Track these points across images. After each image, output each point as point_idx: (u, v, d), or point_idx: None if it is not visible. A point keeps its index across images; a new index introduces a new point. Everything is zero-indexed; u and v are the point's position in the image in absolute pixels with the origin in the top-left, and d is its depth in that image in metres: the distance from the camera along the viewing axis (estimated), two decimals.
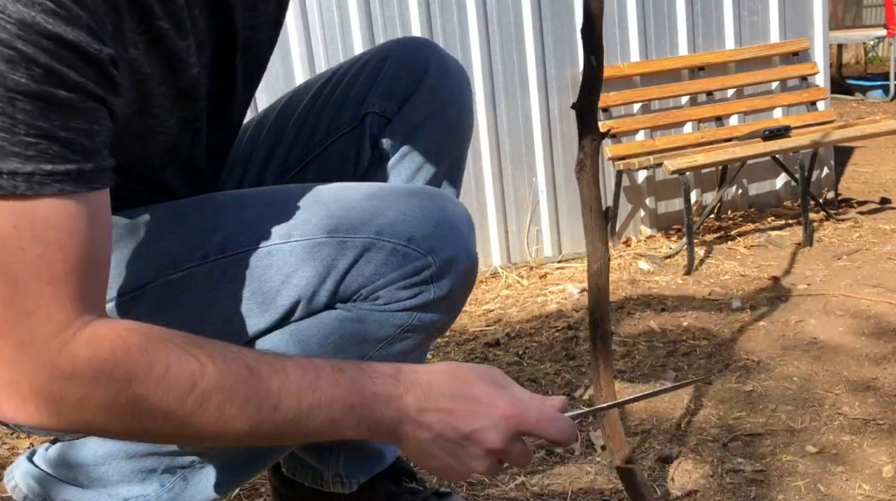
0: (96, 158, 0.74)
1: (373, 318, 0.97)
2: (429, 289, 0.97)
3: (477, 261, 1.02)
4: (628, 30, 3.26)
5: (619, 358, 2.15)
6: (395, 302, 0.97)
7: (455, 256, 0.97)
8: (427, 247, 0.96)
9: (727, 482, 1.52)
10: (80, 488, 1.05)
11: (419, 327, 0.99)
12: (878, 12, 8.23)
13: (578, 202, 3.58)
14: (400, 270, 0.95)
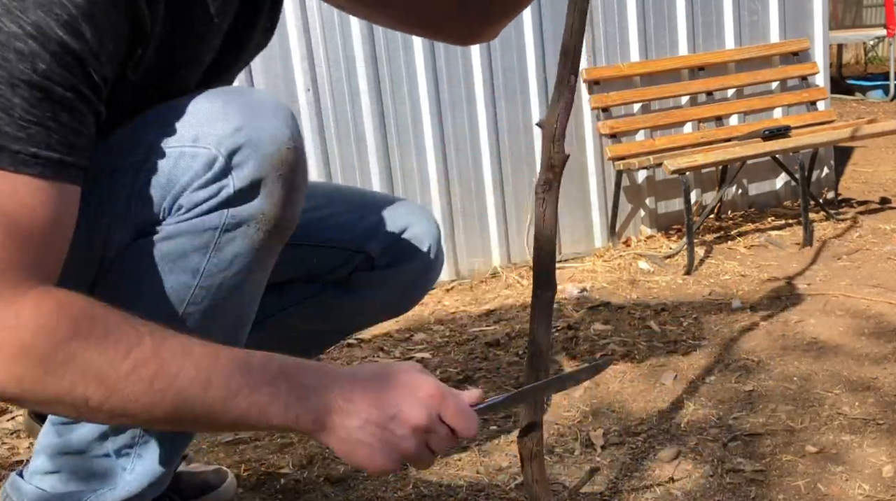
0: (77, 155, 0.81)
1: (182, 230, 0.96)
2: (228, 183, 0.95)
3: (290, 143, 0.97)
4: (628, 30, 3.26)
5: (619, 359, 2.15)
6: (196, 205, 0.95)
7: (248, 141, 0.94)
8: (214, 141, 0.94)
9: (727, 482, 1.52)
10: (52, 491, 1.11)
11: (239, 222, 0.97)
12: (878, 12, 8.23)
13: (578, 202, 3.58)
14: (191, 172, 0.94)
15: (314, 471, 1.64)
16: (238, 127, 0.94)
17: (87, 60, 0.80)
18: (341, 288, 1.37)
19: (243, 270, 1.00)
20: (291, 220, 1.02)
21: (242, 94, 0.99)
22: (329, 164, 2.88)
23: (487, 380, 2.07)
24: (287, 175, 0.97)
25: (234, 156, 0.94)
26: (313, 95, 2.82)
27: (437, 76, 2.96)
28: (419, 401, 0.86)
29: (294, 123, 1.00)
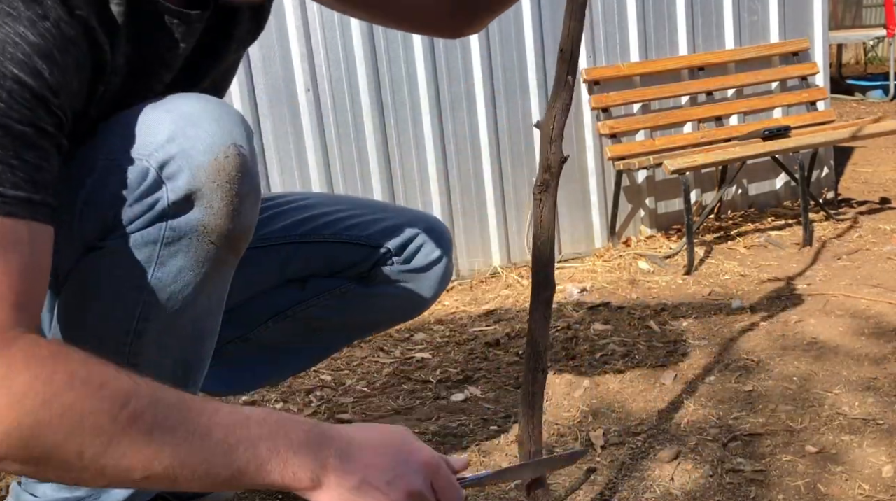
0: (43, 192, 0.78)
1: (122, 245, 0.94)
2: (161, 195, 0.92)
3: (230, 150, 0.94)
4: (628, 30, 3.26)
5: (619, 359, 2.15)
6: (134, 219, 0.93)
7: (180, 151, 0.91)
8: (147, 152, 0.92)
9: (727, 482, 1.52)
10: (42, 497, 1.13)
11: (179, 236, 0.94)
12: (878, 12, 8.23)
13: (578, 202, 3.58)
14: (125, 185, 0.92)
15: None
16: (170, 136, 0.92)
17: (45, 97, 0.78)
18: (362, 284, 1.41)
19: (193, 284, 0.98)
20: (241, 230, 0.98)
21: (183, 101, 0.96)
22: (329, 164, 2.88)
23: (487, 380, 2.07)
24: (226, 183, 0.94)
25: (166, 168, 0.92)
26: (313, 95, 2.82)
27: (437, 76, 2.96)
28: (417, 468, 0.86)
29: (240, 129, 0.96)
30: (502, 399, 1.95)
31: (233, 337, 1.42)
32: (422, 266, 1.40)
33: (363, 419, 1.88)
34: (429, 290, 1.43)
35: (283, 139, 2.82)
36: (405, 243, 1.39)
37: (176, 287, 0.97)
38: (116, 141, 0.94)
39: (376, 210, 1.43)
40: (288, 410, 1.95)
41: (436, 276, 1.42)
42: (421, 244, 1.40)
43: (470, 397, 1.97)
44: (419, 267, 1.40)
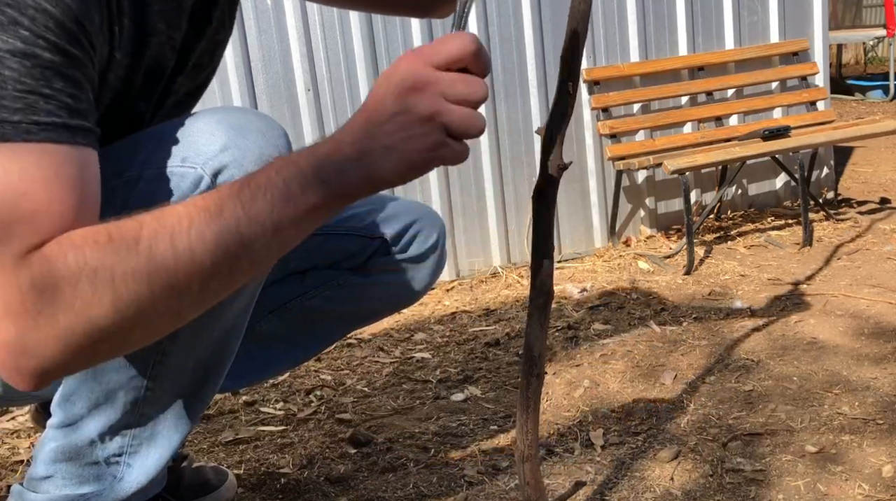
0: (79, 118, 0.81)
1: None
2: None
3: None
4: (628, 30, 3.26)
5: (619, 358, 2.15)
6: None
7: (233, 161, 0.95)
8: (201, 160, 0.95)
9: (727, 482, 1.52)
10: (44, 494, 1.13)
11: None
12: (878, 12, 8.23)
13: (578, 202, 3.58)
14: (179, 191, 0.95)
15: (314, 471, 1.64)
16: (224, 146, 0.95)
17: (69, 25, 0.79)
18: (360, 274, 1.42)
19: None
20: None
21: (233, 114, 1.00)
22: None
23: (487, 380, 2.07)
24: None
25: (220, 175, 0.95)
26: (313, 95, 2.82)
27: None
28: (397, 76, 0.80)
29: (284, 142, 1.00)
30: (502, 399, 1.95)
31: None
32: (418, 254, 1.42)
33: (363, 419, 1.88)
34: (425, 278, 1.45)
35: None
36: (401, 232, 1.41)
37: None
38: (164, 150, 0.96)
39: (371, 201, 1.43)
40: (288, 410, 1.95)
41: (432, 264, 1.44)
42: (416, 232, 1.42)
43: (470, 397, 1.97)
44: (415, 255, 1.42)
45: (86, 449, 1.11)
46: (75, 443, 1.10)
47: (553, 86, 3.15)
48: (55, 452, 1.11)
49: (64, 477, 1.11)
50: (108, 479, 1.12)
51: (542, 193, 1.02)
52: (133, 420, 1.09)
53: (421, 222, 1.42)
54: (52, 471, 1.12)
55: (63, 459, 1.11)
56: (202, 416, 1.92)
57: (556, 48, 3.14)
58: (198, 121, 0.99)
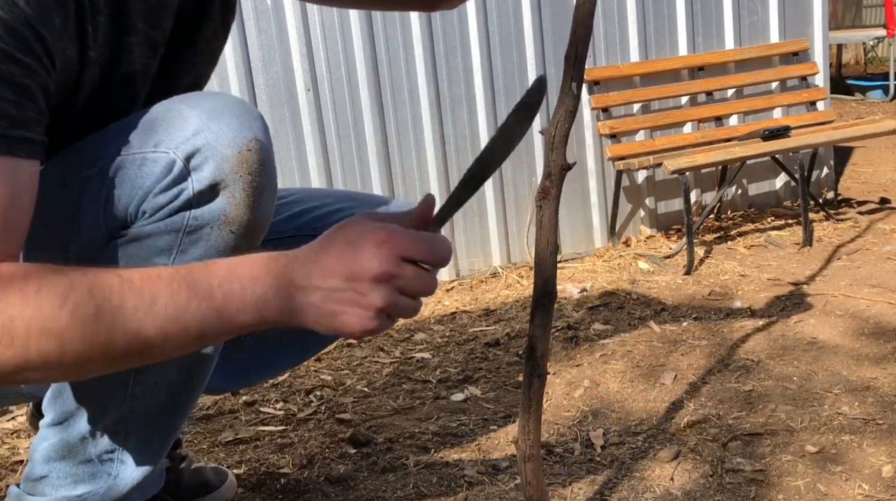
0: (22, 128, 0.80)
1: (145, 233, 0.97)
2: (187, 185, 0.95)
3: (252, 144, 0.97)
4: (628, 30, 3.26)
5: (619, 358, 2.15)
6: (158, 209, 0.96)
7: (206, 144, 0.95)
8: (173, 145, 0.95)
9: (727, 482, 1.52)
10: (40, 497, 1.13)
11: (201, 224, 0.97)
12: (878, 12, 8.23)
13: (578, 202, 3.58)
14: (153, 177, 0.95)
15: (314, 471, 1.64)
16: (196, 130, 0.95)
17: (21, 31, 0.78)
18: None
19: None
20: (260, 222, 1.01)
21: (206, 98, 0.99)
22: (329, 164, 2.88)
23: (487, 380, 2.07)
24: (248, 175, 0.97)
25: (192, 159, 0.95)
26: (313, 95, 2.82)
27: (437, 76, 2.96)
28: (370, 253, 0.83)
29: (259, 124, 0.99)
30: (502, 399, 1.95)
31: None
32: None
33: (363, 419, 1.88)
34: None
35: (283, 139, 2.82)
36: None
37: None
38: (138, 137, 0.96)
39: (366, 202, 1.42)
40: (288, 410, 1.95)
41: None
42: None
43: (470, 397, 1.97)
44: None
45: (78, 447, 1.10)
46: (67, 441, 1.10)
47: (553, 85, 3.15)
48: (48, 451, 1.11)
49: (59, 477, 1.11)
50: (103, 477, 1.11)
51: (546, 193, 1.02)
52: (123, 416, 1.09)
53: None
54: (46, 471, 1.12)
55: (57, 458, 1.11)
56: (202, 416, 1.92)
57: (556, 48, 3.14)
58: (171, 107, 0.98)
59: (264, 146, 0.98)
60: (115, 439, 1.10)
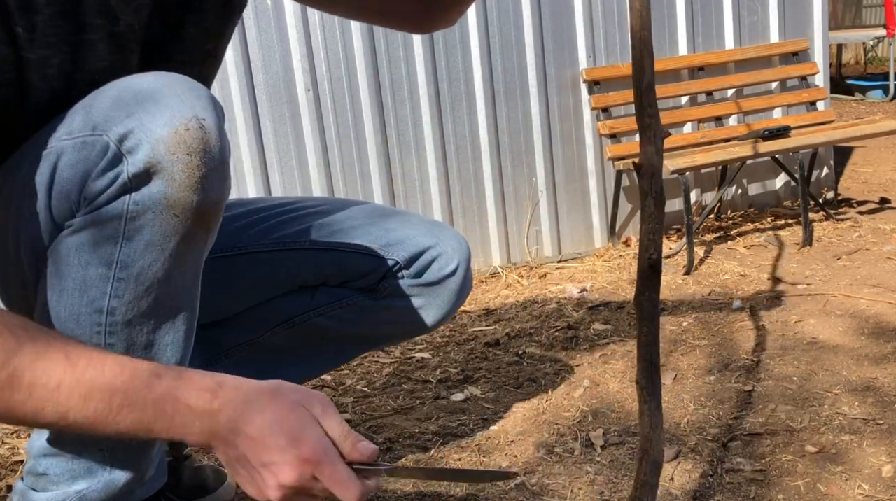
0: None
1: (89, 221, 0.95)
2: (122, 169, 0.93)
3: (191, 123, 0.93)
4: (627, 30, 3.25)
5: (619, 358, 2.15)
6: (98, 194, 0.94)
7: (139, 125, 0.92)
8: (107, 127, 0.93)
9: (727, 482, 1.52)
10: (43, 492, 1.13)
11: (143, 209, 0.95)
12: (878, 12, 8.23)
13: (578, 202, 3.59)
14: (89, 161, 0.93)
15: None
16: (130, 111, 0.93)
17: None
18: (371, 296, 1.39)
19: (161, 259, 0.98)
20: (207, 203, 0.97)
21: (146, 79, 0.97)
22: (329, 164, 2.88)
23: (487, 380, 2.07)
24: (186, 156, 0.93)
25: (126, 141, 0.92)
26: (313, 95, 2.82)
27: (437, 76, 2.96)
28: (292, 462, 0.84)
29: (204, 104, 0.96)
30: (502, 399, 1.95)
31: (243, 340, 1.42)
32: (434, 280, 1.37)
33: (363, 419, 1.88)
34: (442, 306, 1.39)
35: (283, 139, 2.82)
36: (416, 256, 1.36)
37: (144, 262, 0.97)
38: (78, 120, 0.95)
39: (392, 219, 1.40)
40: None
41: (450, 291, 1.38)
42: (434, 257, 1.36)
43: (470, 397, 1.97)
44: (431, 281, 1.36)
45: (67, 443, 1.10)
46: (55, 437, 1.10)
47: (553, 86, 3.15)
48: (42, 448, 1.11)
49: (57, 473, 1.11)
50: (98, 473, 1.11)
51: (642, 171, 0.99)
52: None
53: (441, 246, 1.37)
54: (44, 468, 1.11)
55: (51, 454, 1.10)
56: None
57: (556, 48, 3.14)
58: (111, 89, 0.96)
59: (207, 125, 0.95)
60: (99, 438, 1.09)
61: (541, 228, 3.21)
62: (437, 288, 1.37)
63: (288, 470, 0.84)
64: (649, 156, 0.96)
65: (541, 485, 1.54)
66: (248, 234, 1.36)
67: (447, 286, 1.38)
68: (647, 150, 0.97)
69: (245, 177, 2.80)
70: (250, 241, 1.36)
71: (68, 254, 0.97)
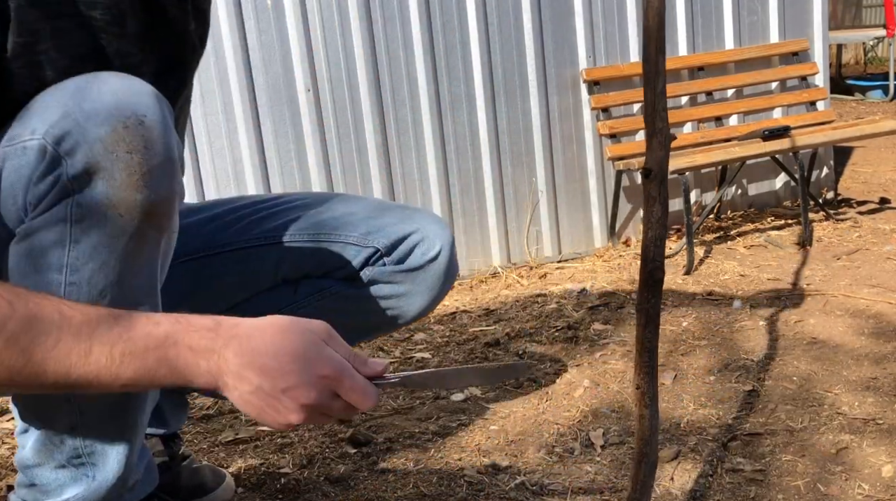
0: None
1: (35, 226, 0.94)
2: (61, 171, 0.91)
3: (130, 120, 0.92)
4: (627, 30, 3.26)
5: (619, 358, 2.15)
6: (41, 198, 0.93)
7: (75, 125, 0.90)
8: (43, 129, 0.91)
9: (727, 482, 1.52)
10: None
11: (87, 211, 0.93)
12: (878, 12, 8.23)
13: (578, 202, 3.59)
14: (29, 166, 0.92)
15: (314, 471, 1.64)
16: (65, 112, 0.91)
17: None
18: (353, 284, 1.38)
19: (112, 261, 0.96)
20: (154, 201, 0.95)
21: (81, 79, 0.95)
22: (329, 164, 2.88)
23: None
24: (126, 154, 0.91)
25: (62, 143, 0.91)
26: (313, 95, 2.82)
27: (437, 76, 2.96)
28: (312, 381, 0.84)
29: (145, 100, 0.94)
30: (502, 399, 1.95)
31: None
32: (417, 265, 1.35)
33: (363, 419, 1.88)
34: (428, 291, 1.38)
35: (283, 139, 2.82)
36: (396, 242, 1.35)
37: (95, 265, 0.96)
38: (18, 124, 0.94)
39: (370, 209, 1.39)
40: None
41: (435, 276, 1.37)
42: (416, 243, 1.35)
43: (470, 397, 1.97)
44: (414, 266, 1.35)
45: (47, 453, 1.09)
46: (36, 448, 1.09)
47: (553, 86, 3.16)
48: (26, 459, 1.10)
49: (45, 483, 1.10)
50: (83, 480, 1.09)
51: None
52: (75, 420, 1.06)
53: (422, 231, 1.36)
54: (31, 478, 1.11)
55: (34, 464, 1.10)
56: (202, 416, 1.92)
57: (556, 48, 3.14)
58: (49, 91, 0.95)
59: (148, 121, 0.93)
60: (76, 443, 1.08)
61: (541, 228, 3.21)
62: (421, 272, 1.36)
63: (308, 390, 0.84)
64: (659, 161, 0.95)
65: (540, 485, 1.54)
66: (226, 233, 1.36)
67: (431, 270, 1.37)
68: (656, 155, 0.96)
69: (245, 177, 2.80)
70: (229, 239, 1.35)
71: (19, 262, 0.96)
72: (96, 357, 0.80)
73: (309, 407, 0.85)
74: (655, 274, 1.00)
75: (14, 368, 0.78)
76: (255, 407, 0.85)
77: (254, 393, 0.84)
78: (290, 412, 0.85)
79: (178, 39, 1.16)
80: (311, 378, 0.84)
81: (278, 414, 0.85)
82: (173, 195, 0.98)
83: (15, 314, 0.78)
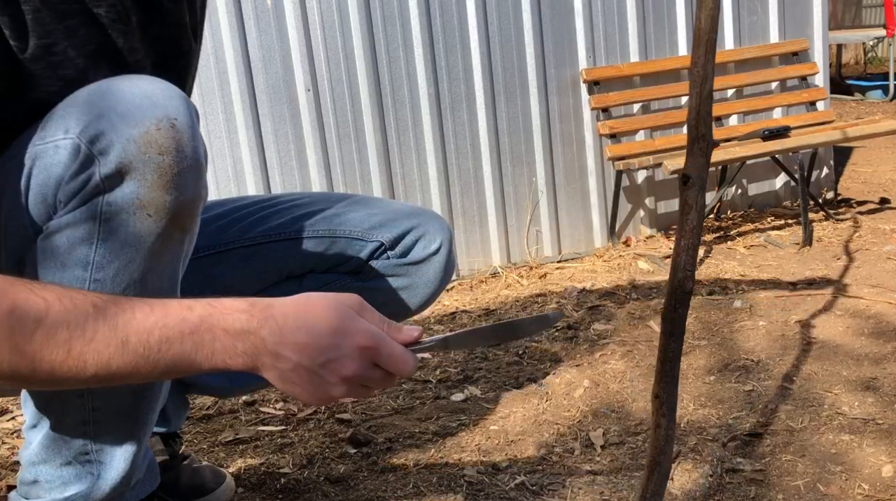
0: None
1: (64, 223, 0.96)
2: (94, 170, 0.93)
3: (162, 123, 0.94)
4: (628, 30, 3.26)
5: (619, 358, 2.15)
6: (72, 197, 0.94)
7: (110, 126, 0.93)
8: (78, 129, 0.93)
9: (727, 482, 1.52)
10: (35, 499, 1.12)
11: (116, 211, 0.95)
12: (878, 12, 8.23)
13: (578, 202, 3.60)
14: (62, 164, 0.94)
15: (314, 471, 1.64)
16: (100, 113, 0.93)
17: None
18: (357, 278, 1.40)
19: (137, 260, 0.98)
20: (182, 203, 0.97)
21: (116, 81, 0.97)
22: (329, 164, 2.88)
23: (487, 380, 2.07)
24: (158, 156, 0.94)
25: (97, 143, 0.93)
26: (313, 95, 2.82)
27: (437, 76, 2.96)
28: (351, 353, 0.85)
29: (176, 104, 0.96)
30: (502, 399, 1.95)
31: None
32: (419, 259, 1.39)
33: (363, 419, 1.88)
34: (429, 284, 1.42)
35: (283, 139, 2.82)
36: (400, 236, 1.39)
37: (120, 263, 0.97)
38: (51, 124, 0.96)
39: (372, 205, 1.42)
40: (288, 410, 1.95)
41: (435, 269, 1.41)
42: (418, 237, 1.39)
43: (470, 397, 1.97)
44: (416, 260, 1.39)
45: (54, 449, 1.09)
46: (43, 444, 1.09)
47: (553, 86, 3.16)
48: (31, 455, 1.11)
49: (48, 480, 1.10)
50: (87, 478, 1.10)
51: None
52: (87, 417, 1.07)
53: (423, 227, 1.39)
54: (35, 475, 1.11)
55: (39, 461, 1.10)
56: (202, 416, 1.92)
57: (556, 48, 3.14)
58: (82, 92, 0.97)
59: (179, 125, 0.95)
60: (86, 440, 1.09)
61: (541, 228, 3.21)
62: (423, 266, 1.40)
63: (349, 362, 0.85)
64: (699, 168, 0.93)
65: (540, 485, 1.54)
66: (230, 232, 1.37)
67: (432, 263, 1.40)
68: (697, 161, 0.93)
69: (245, 177, 2.80)
70: (234, 238, 1.37)
71: (45, 258, 0.97)
72: (134, 346, 0.81)
73: (350, 379, 0.85)
74: (685, 284, 0.98)
75: (55, 362, 0.79)
76: (296, 385, 0.85)
77: (294, 371, 0.85)
78: (331, 386, 0.85)
79: (173, 33, 1.18)
80: (349, 350, 0.85)
81: (320, 389, 0.86)
82: (199, 197, 1.00)
83: (51, 310, 0.78)
